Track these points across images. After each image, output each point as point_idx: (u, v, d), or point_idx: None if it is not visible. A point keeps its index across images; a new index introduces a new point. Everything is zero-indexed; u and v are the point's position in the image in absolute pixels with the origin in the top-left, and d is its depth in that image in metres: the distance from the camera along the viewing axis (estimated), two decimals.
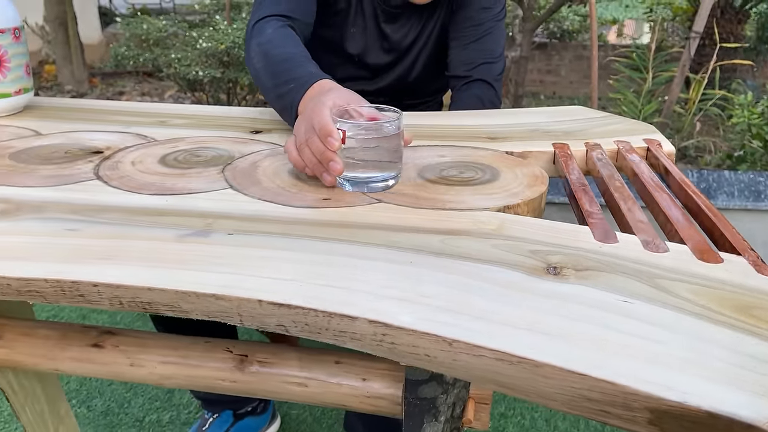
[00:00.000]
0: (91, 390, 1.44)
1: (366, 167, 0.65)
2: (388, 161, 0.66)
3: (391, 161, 0.66)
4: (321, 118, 0.66)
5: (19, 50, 0.91)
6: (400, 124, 0.66)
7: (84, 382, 1.45)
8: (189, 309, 0.48)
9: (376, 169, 0.66)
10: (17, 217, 0.59)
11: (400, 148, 0.67)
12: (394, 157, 0.66)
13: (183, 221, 0.58)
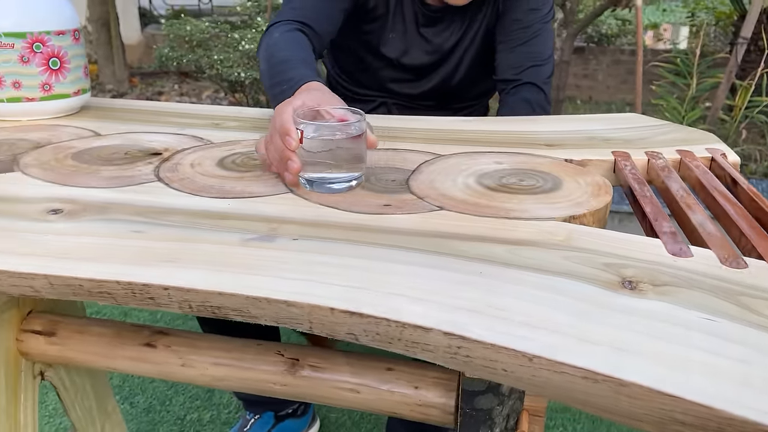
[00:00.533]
0: (133, 387, 1.46)
1: (326, 168, 0.65)
2: (348, 163, 0.66)
3: (352, 163, 0.66)
4: (282, 117, 0.67)
5: (78, 51, 0.92)
6: (362, 127, 0.66)
7: (126, 378, 1.47)
8: (258, 315, 0.48)
9: (337, 170, 0.66)
10: (83, 218, 0.59)
11: (361, 151, 0.67)
12: (355, 158, 0.66)
13: (246, 225, 0.58)
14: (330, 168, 0.66)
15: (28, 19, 0.85)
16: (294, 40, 0.95)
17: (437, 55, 1.13)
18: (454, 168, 0.73)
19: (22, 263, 0.51)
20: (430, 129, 0.90)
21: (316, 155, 0.65)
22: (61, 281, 0.50)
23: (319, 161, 0.65)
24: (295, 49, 0.92)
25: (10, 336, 0.84)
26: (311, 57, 0.92)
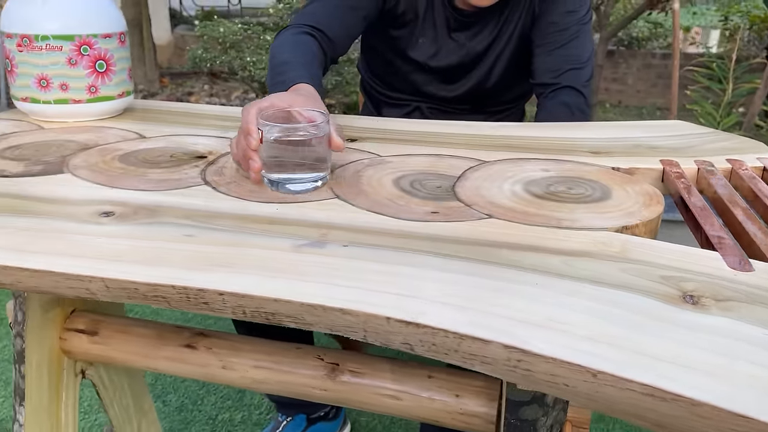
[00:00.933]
0: (166, 385, 1.47)
1: (287, 169, 0.66)
2: (309, 164, 0.67)
3: (313, 164, 0.67)
4: (246, 117, 0.68)
5: (124, 54, 0.93)
6: (324, 129, 0.67)
7: (159, 377, 1.49)
8: (313, 322, 0.48)
9: (298, 170, 0.67)
10: (135, 221, 0.60)
11: (323, 152, 0.67)
12: (317, 160, 0.67)
13: (296, 230, 0.58)
14: (292, 169, 0.66)
15: (77, 22, 0.87)
16: (298, 43, 0.97)
17: (469, 58, 1.12)
18: (500, 175, 0.72)
19: (77, 265, 0.51)
20: (472, 134, 0.90)
21: (278, 156, 0.66)
22: (117, 284, 0.50)
23: (280, 162, 0.66)
24: (296, 52, 0.94)
25: (53, 335, 0.86)
26: (313, 60, 0.93)
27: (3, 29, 0.88)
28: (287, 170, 0.67)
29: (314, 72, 0.90)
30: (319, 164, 0.68)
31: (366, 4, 1.06)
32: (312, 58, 0.94)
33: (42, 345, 0.84)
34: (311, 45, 0.97)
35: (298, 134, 0.66)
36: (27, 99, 0.89)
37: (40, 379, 0.85)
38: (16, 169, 0.72)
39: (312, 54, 0.95)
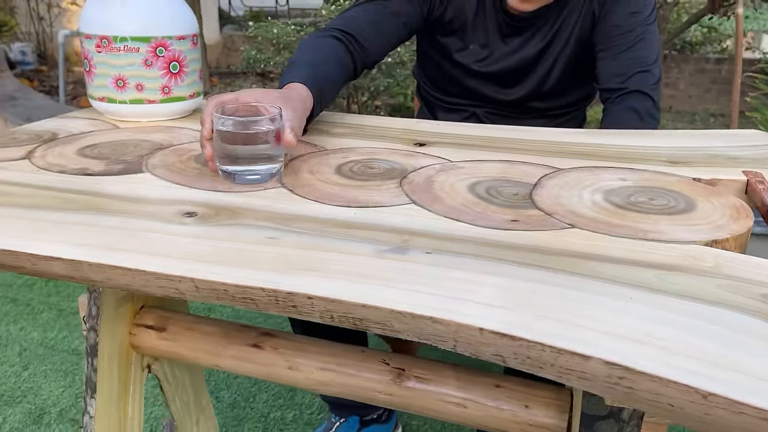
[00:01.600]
0: (218, 382, 1.49)
1: (233, 161, 0.69)
2: (259, 157, 0.69)
3: (262, 158, 0.69)
4: (204, 108, 0.72)
5: (195, 56, 0.95)
6: (274, 125, 0.69)
7: (212, 373, 1.51)
8: (401, 329, 0.48)
9: (247, 163, 0.69)
10: (218, 222, 0.60)
11: (272, 147, 0.69)
12: (264, 154, 0.69)
13: (376, 235, 0.58)
14: (242, 161, 0.69)
15: (153, 24, 0.88)
16: (317, 45, 0.98)
17: (523, 63, 1.11)
18: (577, 183, 0.71)
19: (167, 265, 0.52)
20: (541, 140, 0.88)
21: (227, 148, 0.69)
22: (206, 285, 0.51)
23: (229, 153, 0.69)
24: (308, 54, 0.95)
25: (124, 330, 0.88)
26: (323, 62, 0.94)
27: (82, 30, 0.90)
28: (237, 162, 0.69)
29: (317, 73, 0.90)
30: (268, 158, 0.70)
31: (408, 11, 1.07)
32: (324, 60, 0.95)
33: (113, 339, 0.86)
34: (331, 48, 0.98)
35: (246, 128, 0.68)
36: (104, 99, 0.91)
37: (111, 372, 0.87)
38: (97, 168, 0.74)
39: (327, 57, 0.96)
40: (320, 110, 0.91)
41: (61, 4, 4.85)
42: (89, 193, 0.67)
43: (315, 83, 0.87)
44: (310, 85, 0.86)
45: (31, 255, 0.54)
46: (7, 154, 0.79)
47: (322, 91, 0.89)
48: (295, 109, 0.76)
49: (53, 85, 4.25)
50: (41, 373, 1.52)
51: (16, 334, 1.68)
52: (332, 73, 0.95)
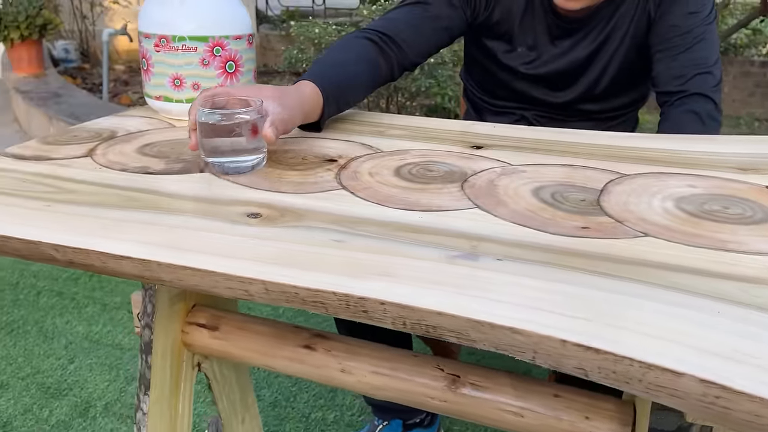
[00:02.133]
0: (259, 380, 1.50)
1: (213, 152, 0.72)
2: (238, 149, 0.72)
3: (240, 149, 0.72)
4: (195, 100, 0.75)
5: (250, 56, 0.95)
6: (250, 118, 0.71)
7: (253, 372, 1.52)
8: (477, 339, 0.47)
9: (225, 155, 0.72)
10: (283, 224, 0.60)
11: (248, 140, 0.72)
12: (242, 146, 0.72)
13: (444, 240, 0.57)
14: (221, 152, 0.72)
15: (211, 24, 0.89)
16: (347, 45, 0.98)
17: (574, 65, 1.09)
18: (645, 189, 0.69)
19: (237, 266, 0.52)
20: (602, 144, 0.86)
21: (207, 138, 0.72)
22: (277, 288, 0.50)
23: (209, 144, 0.72)
24: (334, 53, 0.96)
25: (177, 327, 0.88)
26: (349, 61, 0.95)
27: (141, 29, 0.91)
28: (217, 154, 0.72)
29: (337, 72, 0.91)
30: (245, 150, 0.72)
31: (449, 16, 1.06)
32: (350, 60, 0.95)
33: (167, 337, 0.86)
34: (362, 48, 0.98)
35: (221, 120, 0.71)
36: (160, 97, 0.92)
37: (164, 370, 0.87)
38: (158, 166, 0.75)
39: (354, 57, 0.96)
40: (337, 109, 0.91)
41: (104, 3, 4.95)
42: (152, 191, 0.67)
43: (329, 82, 0.87)
44: (323, 83, 0.86)
45: (101, 253, 0.54)
46: (69, 151, 0.80)
47: (341, 90, 0.90)
48: (285, 105, 0.77)
49: (95, 82, 4.34)
50: (86, 367, 1.55)
51: (62, 327, 1.72)
52: (358, 73, 0.95)
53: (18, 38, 3.93)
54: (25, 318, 1.76)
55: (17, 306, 1.82)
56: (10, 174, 0.72)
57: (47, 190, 0.67)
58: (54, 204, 0.63)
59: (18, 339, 1.66)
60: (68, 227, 0.59)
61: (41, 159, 0.77)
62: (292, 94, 0.81)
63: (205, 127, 0.71)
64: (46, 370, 1.53)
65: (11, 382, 1.49)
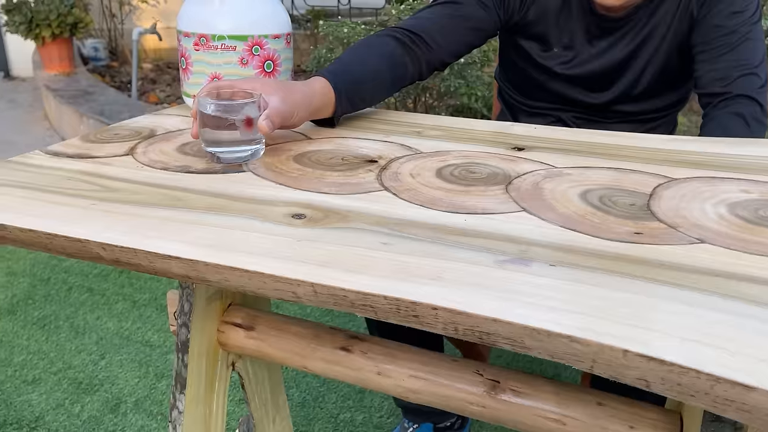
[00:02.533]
0: (287, 380, 1.50)
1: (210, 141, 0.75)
2: (231, 140, 0.74)
3: (235, 141, 0.74)
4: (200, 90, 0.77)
5: (288, 55, 0.95)
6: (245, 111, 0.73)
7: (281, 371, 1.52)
8: (532, 347, 0.45)
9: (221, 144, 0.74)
10: (328, 225, 0.59)
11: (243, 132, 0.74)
12: (237, 137, 0.74)
13: (492, 244, 0.56)
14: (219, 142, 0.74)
15: (250, 23, 0.88)
16: (369, 43, 0.98)
17: (612, 65, 1.07)
18: (696, 194, 0.67)
19: (285, 268, 0.51)
20: (645, 147, 0.84)
21: (205, 127, 0.74)
22: (326, 290, 0.50)
23: (207, 133, 0.74)
24: (354, 51, 0.96)
25: (213, 326, 0.88)
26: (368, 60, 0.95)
27: (180, 28, 0.91)
28: (215, 143, 0.74)
29: (353, 69, 0.92)
30: (240, 141, 0.74)
31: (480, 16, 1.05)
32: (369, 58, 0.96)
33: (203, 336, 0.86)
34: (384, 46, 0.98)
35: (215, 111, 0.73)
36: None
37: (200, 369, 0.87)
38: (199, 166, 0.74)
39: (373, 55, 0.96)
40: (352, 107, 0.91)
41: (132, 2, 5.00)
42: (195, 191, 0.67)
43: (344, 79, 0.88)
44: (335, 80, 0.87)
45: (149, 253, 0.54)
46: (110, 149, 0.80)
47: (356, 87, 0.90)
48: (287, 100, 0.78)
49: (122, 80, 4.39)
50: (117, 363, 1.56)
51: (92, 323, 1.73)
52: (377, 70, 0.95)
53: (49, 36, 3.99)
54: (57, 313, 1.78)
55: (49, 301, 1.84)
56: (55, 171, 0.72)
57: (91, 188, 0.67)
58: (99, 202, 0.63)
59: (50, 334, 1.68)
60: (114, 226, 0.58)
61: (83, 157, 0.77)
62: (300, 89, 0.82)
63: (203, 117, 0.73)
64: (78, 366, 1.55)
65: (43, 377, 1.50)
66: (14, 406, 1.40)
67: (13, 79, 5.05)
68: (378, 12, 5.07)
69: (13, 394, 1.44)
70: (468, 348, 1.38)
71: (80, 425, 1.35)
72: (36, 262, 2.06)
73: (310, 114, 0.84)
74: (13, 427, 1.34)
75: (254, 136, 0.75)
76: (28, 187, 0.67)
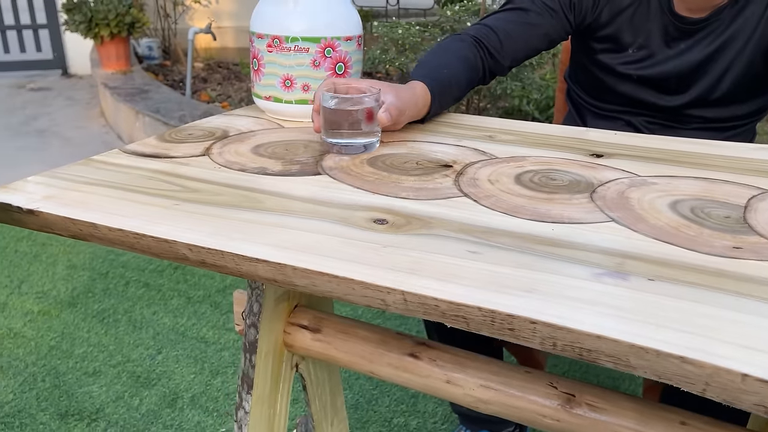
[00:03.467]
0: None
1: (333, 133, 0.79)
2: (356, 131, 0.79)
3: (357, 132, 0.79)
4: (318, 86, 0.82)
5: (359, 57, 0.94)
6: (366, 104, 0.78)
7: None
8: (637, 365, 0.43)
9: (345, 136, 0.79)
10: (411, 232, 0.58)
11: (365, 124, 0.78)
12: (359, 128, 0.78)
13: (585, 256, 0.54)
14: (341, 134, 0.79)
15: (323, 25, 0.88)
16: (449, 48, 1.00)
17: (689, 68, 1.03)
18: None
19: (374, 275, 0.51)
20: (730, 156, 0.81)
21: (328, 120, 0.79)
22: (417, 299, 0.49)
23: (330, 125, 0.79)
24: (437, 55, 0.98)
25: (279, 327, 0.88)
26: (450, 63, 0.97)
27: (254, 30, 0.92)
28: (337, 135, 0.79)
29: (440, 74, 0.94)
30: (362, 132, 0.79)
31: (548, 22, 1.05)
32: (451, 62, 0.97)
33: (270, 337, 0.86)
34: (462, 50, 1.00)
35: (341, 105, 0.78)
36: (270, 98, 0.92)
37: (266, 369, 0.87)
38: (275, 168, 0.74)
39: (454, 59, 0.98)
40: (440, 108, 0.95)
41: (186, 2, 5.10)
42: (274, 193, 0.67)
43: (436, 82, 0.91)
44: (431, 83, 0.90)
45: (236, 255, 0.54)
46: (186, 150, 0.81)
47: (443, 90, 0.93)
48: (400, 98, 0.84)
49: (175, 79, 4.48)
50: (173, 358, 1.59)
51: (149, 318, 1.77)
52: (458, 74, 0.97)
53: (107, 35, 4.10)
54: (115, 307, 1.82)
55: (107, 295, 1.88)
56: (135, 171, 0.73)
57: (172, 188, 0.68)
58: (181, 203, 0.64)
59: (109, 327, 1.72)
60: (198, 227, 0.59)
61: (161, 156, 0.78)
62: (406, 90, 0.87)
63: (326, 110, 0.78)
64: (136, 359, 1.58)
65: (103, 369, 1.54)
66: (76, 398, 1.44)
67: (71, 76, 5.21)
68: (426, 12, 5.04)
69: (75, 385, 1.48)
70: (526, 355, 1.36)
71: (139, 419, 1.38)
72: (95, 256, 2.12)
73: (416, 113, 0.89)
74: (75, 418, 1.38)
75: (374, 128, 0.80)
76: (112, 186, 0.68)
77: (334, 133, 0.79)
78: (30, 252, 2.14)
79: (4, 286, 1.93)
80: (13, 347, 1.62)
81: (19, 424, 1.36)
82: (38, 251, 2.15)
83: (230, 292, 1.89)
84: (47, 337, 1.67)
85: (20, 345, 1.63)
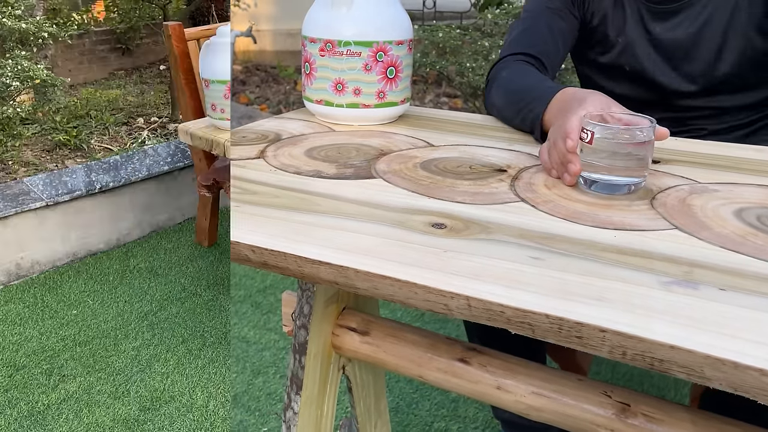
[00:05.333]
0: None
1: (610, 170, 0.67)
2: (633, 167, 0.67)
3: (636, 167, 0.67)
4: (566, 122, 0.70)
5: (409, 61, 0.94)
6: (650, 134, 0.67)
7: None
8: (713, 377, 0.42)
9: (620, 173, 0.67)
10: (471, 236, 0.58)
11: (646, 157, 0.68)
12: (638, 164, 0.67)
13: (650, 264, 0.53)
14: (613, 170, 0.67)
15: (375, 29, 0.89)
16: (525, 71, 0.97)
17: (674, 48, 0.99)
18: None
19: (437, 279, 0.51)
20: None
21: (600, 157, 0.67)
22: (481, 305, 0.49)
23: (601, 163, 0.67)
24: (529, 78, 0.94)
25: (328, 329, 0.89)
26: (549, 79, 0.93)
27: (306, 34, 0.92)
28: (612, 172, 0.67)
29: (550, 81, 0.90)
30: (640, 168, 0.68)
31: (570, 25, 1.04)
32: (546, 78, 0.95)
33: (320, 338, 0.87)
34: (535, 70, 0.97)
35: (627, 136, 0.67)
36: (321, 101, 0.93)
37: (315, 370, 0.88)
38: (330, 171, 0.75)
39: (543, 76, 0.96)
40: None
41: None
42: (331, 196, 0.67)
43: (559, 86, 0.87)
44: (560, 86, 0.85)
45: (298, 257, 0.55)
46: (242, 152, 0.82)
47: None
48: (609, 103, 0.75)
49: None
50: None
51: None
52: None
53: None
54: None
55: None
56: None
57: (232, 190, 0.69)
58: (242, 205, 0.65)
59: None
60: (259, 229, 0.59)
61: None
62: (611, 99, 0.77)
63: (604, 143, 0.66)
64: None
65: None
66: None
67: None
68: (462, 15, 5.03)
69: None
70: (569, 361, 1.34)
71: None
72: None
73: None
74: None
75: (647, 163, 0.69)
76: None
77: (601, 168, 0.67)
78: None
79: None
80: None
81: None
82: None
83: (271, 293, 1.91)
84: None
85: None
